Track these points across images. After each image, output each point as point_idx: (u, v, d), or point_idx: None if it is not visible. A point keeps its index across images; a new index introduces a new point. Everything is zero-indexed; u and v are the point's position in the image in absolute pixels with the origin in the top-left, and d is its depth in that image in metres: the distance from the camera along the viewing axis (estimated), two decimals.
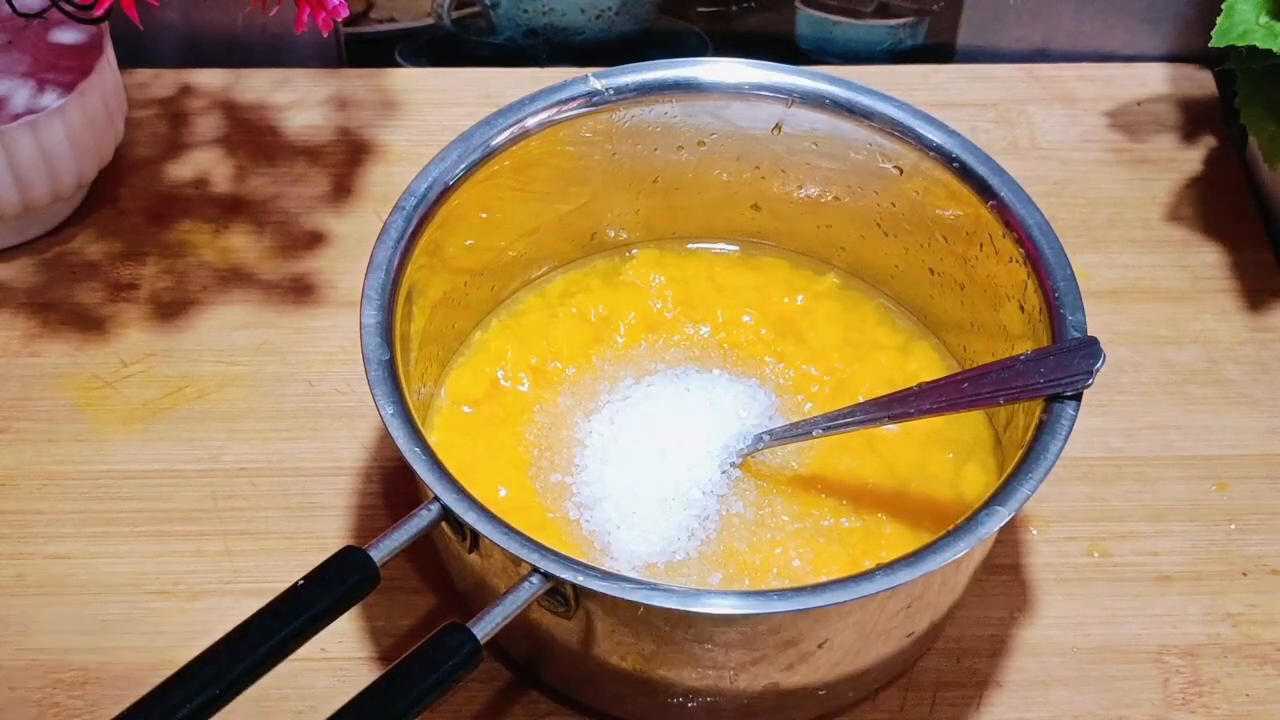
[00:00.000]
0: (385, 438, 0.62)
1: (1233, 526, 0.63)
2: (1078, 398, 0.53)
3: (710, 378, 0.62)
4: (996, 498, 0.50)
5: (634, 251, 0.66)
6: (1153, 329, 0.70)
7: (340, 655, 0.58)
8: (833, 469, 0.59)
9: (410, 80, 0.80)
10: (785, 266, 0.67)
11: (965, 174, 0.60)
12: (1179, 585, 0.61)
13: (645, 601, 0.47)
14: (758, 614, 0.48)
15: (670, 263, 0.66)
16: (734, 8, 0.81)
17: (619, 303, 0.64)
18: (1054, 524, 0.62)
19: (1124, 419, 0.66)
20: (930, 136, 0.60)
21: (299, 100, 0.79)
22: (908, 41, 0.83)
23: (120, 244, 0.72)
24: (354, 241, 0.72)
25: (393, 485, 0.63)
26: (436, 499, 0.49)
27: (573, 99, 0.61)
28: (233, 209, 0.73)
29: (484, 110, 0.61)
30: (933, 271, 0.63)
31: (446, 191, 0.58)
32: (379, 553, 0.49)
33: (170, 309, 0.69)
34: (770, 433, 0.59)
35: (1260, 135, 0.71)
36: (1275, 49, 0.67)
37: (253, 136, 0.77)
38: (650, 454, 0.59)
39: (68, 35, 0.69)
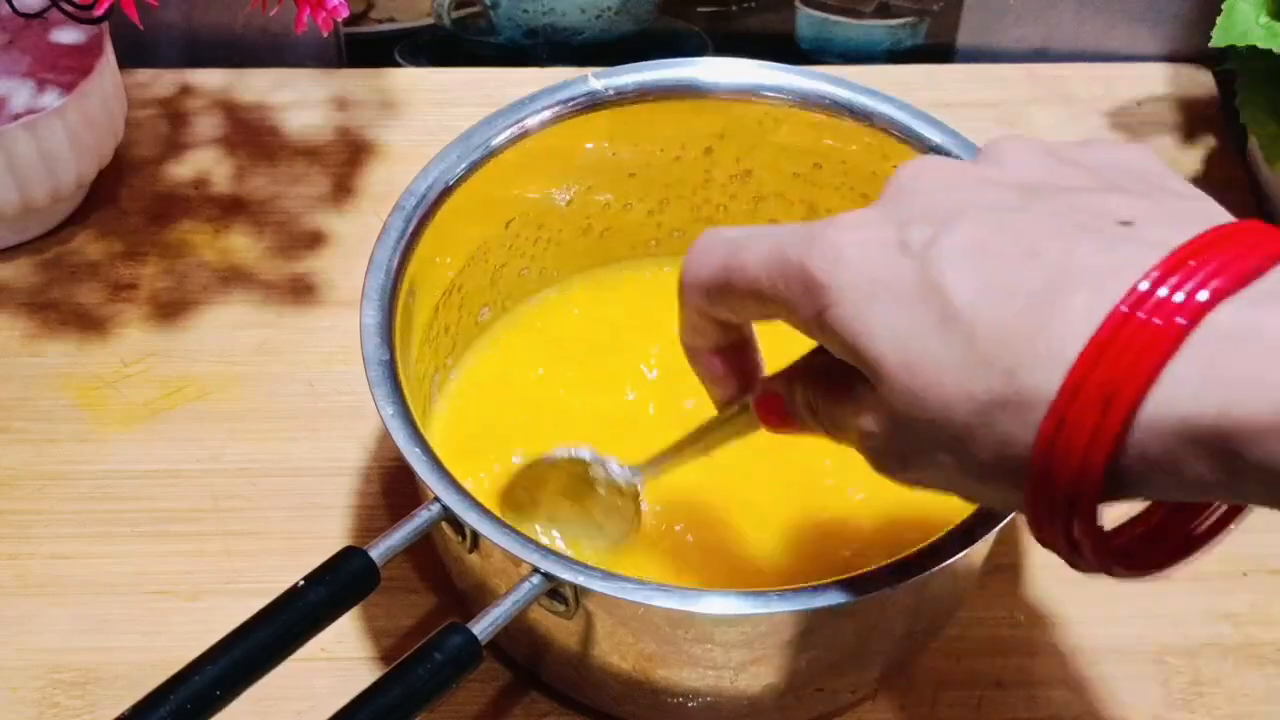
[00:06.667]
0: (385, 438, 0.62)
1: (1233, 526, 0.63)
2: None
3: None
4: None
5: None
6: None
7: (340, 655, 0.58)
8: (830, 466, 0.59)
9: (410, 80, 0.80)
10: None
11: None
12: (1179, 585, 0.61)
13: (645, 601, 0.47)
14: (758, 614, 0.48)
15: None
16: (734, 8, 0.81)
17: (625, 306, 0.65)
18: None
19: None
20: (931, 137, 0.60)
21: (299, 100, 0.79)
22: (908, 41, 0.83)
23: (120, 244, 0.72)
24: (354, 241, 0.72)
25: (393, 485, 0.63)
26: (436, 499, 0.49)
27: (573, 99, 0.61)
28: (233, 209, 0.73)
29: (484, 110, 0.61)
30: None
31: (446, 191, 0.58)
32: (379, 553, 0.49)
33: (170, 309, 0.69)
34: None
35: (1260, 135, 0.71)
36: (1275, 49, 0.67)
37: (253, 136, 0.77)
38: None
39: (68, 35, 0.69)
